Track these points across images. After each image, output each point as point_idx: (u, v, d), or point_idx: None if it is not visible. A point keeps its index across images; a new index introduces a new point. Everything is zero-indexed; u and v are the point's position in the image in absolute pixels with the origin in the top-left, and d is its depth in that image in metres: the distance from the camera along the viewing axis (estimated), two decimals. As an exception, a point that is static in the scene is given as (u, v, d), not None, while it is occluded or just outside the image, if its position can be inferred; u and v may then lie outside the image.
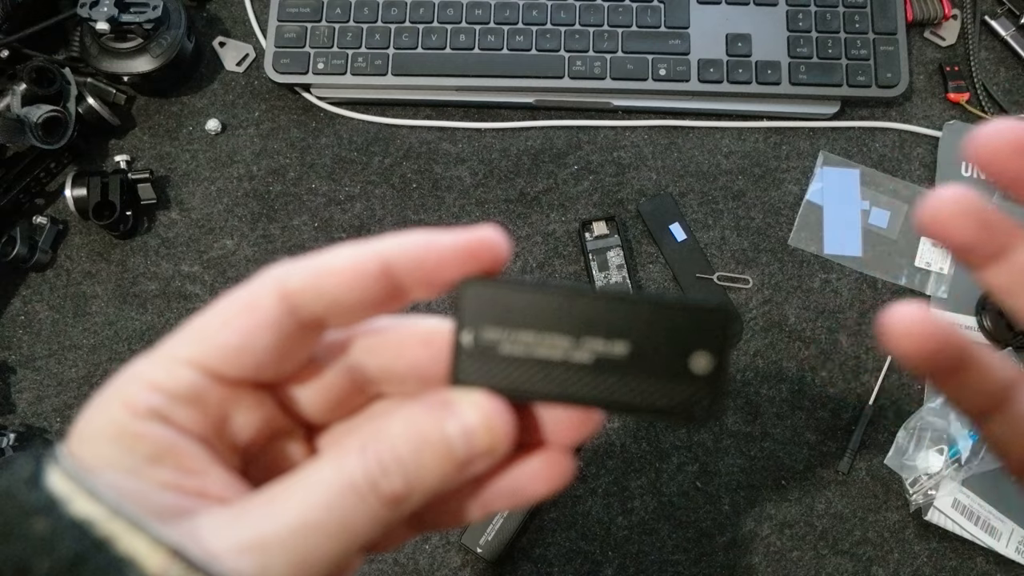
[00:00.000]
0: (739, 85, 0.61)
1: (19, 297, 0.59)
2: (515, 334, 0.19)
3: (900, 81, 0.61)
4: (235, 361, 0.19)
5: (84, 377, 0.57)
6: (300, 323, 0.19)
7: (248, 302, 0.19)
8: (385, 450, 0.18)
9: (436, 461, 0.18)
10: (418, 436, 0.18)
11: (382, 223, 0.60)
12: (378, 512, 0.18)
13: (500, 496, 0.21)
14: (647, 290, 0.58)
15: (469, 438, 0.19)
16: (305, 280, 0.19)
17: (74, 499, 0.16)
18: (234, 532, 0.17)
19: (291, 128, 0.63)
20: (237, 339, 0.19)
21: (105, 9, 0.57)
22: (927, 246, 0.59)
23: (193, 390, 0.19)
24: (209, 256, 0.60)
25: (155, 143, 0.62)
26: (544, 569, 0.53)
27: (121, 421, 0.18)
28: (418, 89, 0.62)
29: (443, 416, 0.19)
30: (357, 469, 0.18)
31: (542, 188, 0.61)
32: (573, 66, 0.61)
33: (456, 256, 0.19)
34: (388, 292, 0.19)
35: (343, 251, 0.19)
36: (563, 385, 0.19)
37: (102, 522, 0.16)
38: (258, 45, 0.65)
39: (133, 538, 0.16)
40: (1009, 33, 0.64)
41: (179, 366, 0.19)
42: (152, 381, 0.19)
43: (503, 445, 0.19)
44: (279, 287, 0.19)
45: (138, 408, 0.18)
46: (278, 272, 0.19)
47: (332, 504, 0.17)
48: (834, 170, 0.61)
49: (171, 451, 0.18)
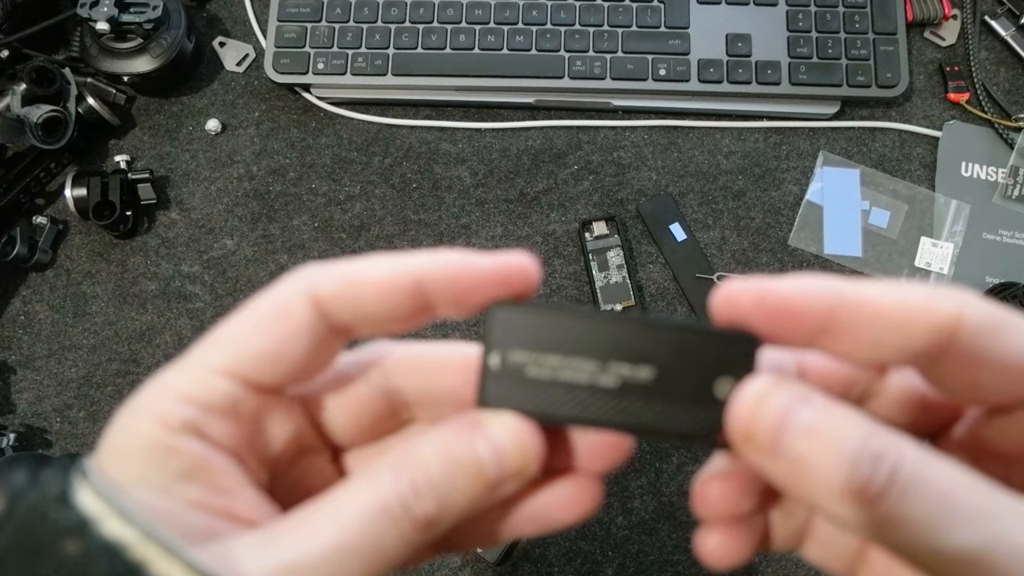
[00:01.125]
0: (739, 85, 0.61)
1: (19, 297, 0.59)
2: (542, 357, 0.19)
3: (900, 81, 0.61)
4: (270, 368, 0.19)
5: (84, 377, 0.57)
6: (330, 328, 0.19)
7: (281, 307, 0.19)
8: (418, 472, 0.18)
9: (468, 483, 0.18)
10: (450, 458, 0.18)
11: (382, 223, 0.60)
12: (411, 535, 0.18)
13: (527, 521, 0.21)
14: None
15: (500, 459, 0.18)
16: (336, 287, 0.19)
17: (106, 520, 0.16)
18: (267, 556, 0.17)
19: (291, 128, 0.63)
20: (272, 345, 0.19)
21: (105, 9, 0.57)
22: (927, 246, 0.59)
23: (228, 400, 0.18)
24: (209, 256, 0.60)
25: (155, 143, 0.62)
26: (544, 569, 0.53)
27: (153, 435, 0.18)
28: (418, 89, 0.62)
29: (474, 437, 0.19)
30: (391, 493, 0.18)
31: (542, 188, 0.61)
32: (573, 66, 0.61)
33: (489, 280, 0.19)
34: (418, 308, 0.19)
35: (378, 262, 0.19)
36: (588, 408, 0.19)
37: (135, 546, 0.16)
38: (258, 45, 0.65)
39: (167, 564, 0.16)
40: (1009, 33, 0.64)
41: (213, 376, 0.18)
42: (185, 393, 0.18)
43: (533, 466, 0.19)
44: (310, 291, 0.19)
45: (171, 422, 0.18)
46: (308, 276, 0.19)
47: (366, 529, 0.17)
48: (834, 170, 0.61)
49: (204, 468, 0.18)
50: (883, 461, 0.16)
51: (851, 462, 0.16)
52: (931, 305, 0.17)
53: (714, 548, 0.20)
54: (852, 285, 0.17)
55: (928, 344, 0.17)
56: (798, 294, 0.17)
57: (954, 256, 0.59)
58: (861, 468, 0.16)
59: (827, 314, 0.17)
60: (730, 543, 0.20)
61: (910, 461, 0.16)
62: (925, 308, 0.17)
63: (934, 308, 0.17)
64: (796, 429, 0.16)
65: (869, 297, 0.17)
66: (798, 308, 0.17)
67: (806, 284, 0.17)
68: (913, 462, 0.16)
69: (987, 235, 0.60)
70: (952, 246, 0.59)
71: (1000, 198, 0.61)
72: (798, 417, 0.17)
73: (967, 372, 0.18)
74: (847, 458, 0.16)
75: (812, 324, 0.18)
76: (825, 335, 0.18)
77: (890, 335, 0.17)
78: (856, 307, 0.17)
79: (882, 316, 0.17)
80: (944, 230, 0.60)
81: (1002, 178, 0.61)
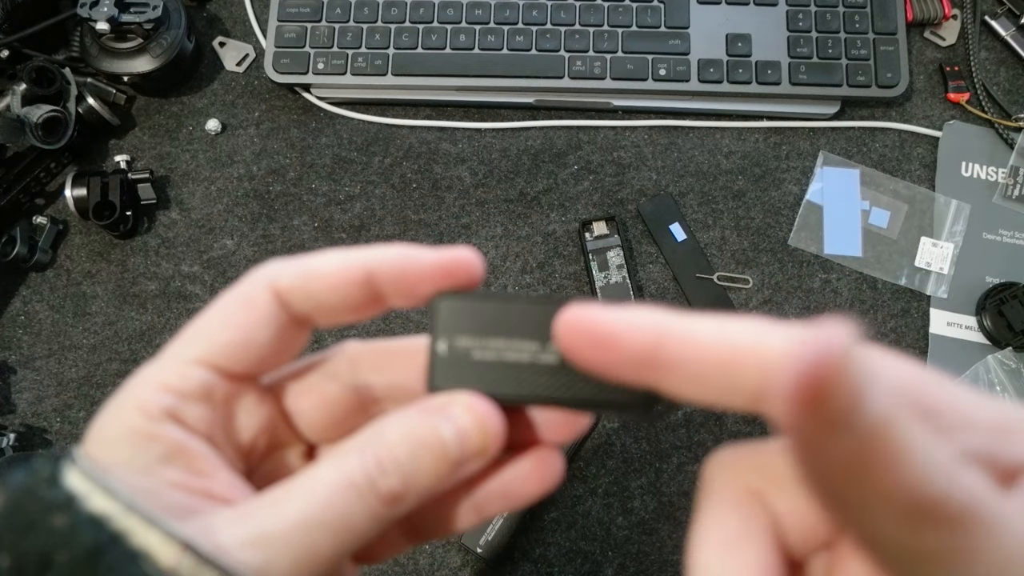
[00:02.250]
0: (739, 85, 0.61)
1: (19, 297, 0.59)
2: (486, 341, 0.20)
3: (900, 81, 0.61)
4: (239, 356, 0.20)
5: (84, 377, 0.57)
6: (292, 318, 0.21)
7: (245, 299, 0.21)
8: (383, 451, 0.19)
9: (431, 461, 0.19)
10: (414, 438, 0.19)
11: (382, 223, 0.60)
12: (377, 510, 0.19)
13: (493, 499, 0.22)
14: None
15: (462, 439, 0.19)
16: (294, 279, 0.20)
17: (91, 496, 0.17)
18: (241, 528, 0.18)
19: (291, 128, 0.63)
20: (239, 335, 0.20)
21: (105, 9, 0.57)
22: (927, 246, 0.59)
23: (202, 387, 0.20)
24: (209, 256, 0.60)
25: (155, 143, 0.62)
26: (544, 569, 0.53)
27: (134, 423, 0.19)
28: (418, 89, 0.62)
29: (438, 419, 0.20)
30: (356, 469, 0.19)
31: (542, 188, 0.61)
32: (573, 66, 0.61)
33: (433, 272, 0.20)
34: (369, 298, 0.21)
35: (330, 256, 0.21)
36: (531, 386, 0.20)
37: (117, 517, 0.17)
38: (258, 45, 0.65)
39: (147, 532, 0.17)
40: (1009, 33, 0.64)
41: (187, 366, 0.20)
42: (163, 383, 0.20)
43: (495, 445, 0.20)
44: (271, 284, 0.20)
45: (151, 410, 0.19)
46: (269, 270, 0.21)
47: (333, 501, 0.18)
48: (834, 170, 0.61)
49: (182, 452, 0.19)
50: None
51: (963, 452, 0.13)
52: (759, 341, 0.15)
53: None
54: (682, 321, 0.16)
55: (757, 385, 0.15)
56: (622, 326, 0.17)
57: (954, 256, 0.59)
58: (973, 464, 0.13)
59: (650, 348, 0.16)
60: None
61: None
62: (752, 344, 0.15)
63: (761, 344, 0.15)
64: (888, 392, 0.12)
65: (694, 334, 0.16)
66: (620, 340, 0.17)
67: (632, 317, 0.17)
68: None
69: (987, 235, 0.60)
70: (952, 246, 0.59)
71: (1000, 198, 0.61)
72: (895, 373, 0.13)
73: None
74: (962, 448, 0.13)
75: (634, 357, 0.17)
76: (651, 370, 0.17)
77: (716, 373, 0.16)
78: (681, 343, 0.16)
79: (706, 354, 0.16)
80: (944, 230, 0.60)
81: (1002, 178, 0.61)
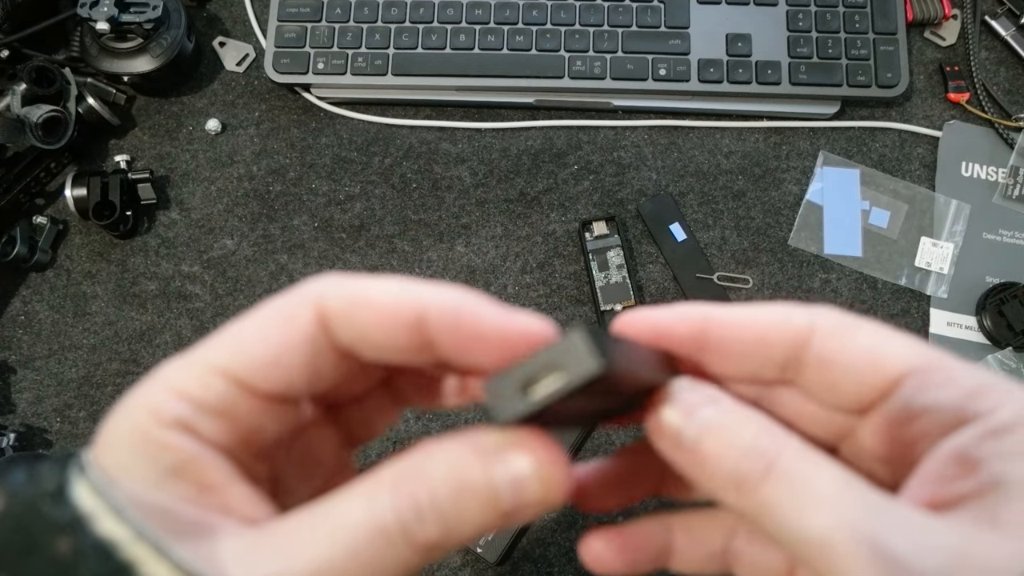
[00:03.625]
0: (739, 85, 0.61)
1: (19, 297, 0.59)
2: None
3: (900, 81, 0.61)
4: (267, 374, 0.18)
5: (84, 377, 0.57)
6: (332, 345, 0.18)
7: (286, 314, 0.18)
8: (423, 494, 0.17)
9: (478, 511, 0.17)
10: (461, 482, 0.17)
11: (382, 223, 0.60)
12: (408, 559, 0.17)
13: None
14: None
15: (518, 489, 0.17)
16: (342, 303, 0.18)
17: (99, 518, 0.16)
18: (254, 564, 0.16)
19: (291, 128, 0.63)
20: (271, 351, 0.18)
21: (105, 9, 0.57)
22: (927, 246, 0.59)
23: (223, 402, 0.18)
24: (209, 256, 0.60)
25: (155, 143, 0.62)
26: (544, 569, 0.53)
27: (145, 429, 0.17)
28: (418, 89, 0.62)
29: (490, 461, 0.17)
30: (388, 512, 0.16)
31: (542, 188, 0.61)
32: (573, 66, 0.61)
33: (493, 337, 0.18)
34: (420, 344, 0.18)
35: (387, 284, 0.18)
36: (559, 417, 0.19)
37: (126, 545, 0.16)
38: (258, 45, 0.65)
39: (156, 565, 0.16)
40: (1009, 33, 0.64)
41: (211, 375, 0.18)
42: (181, 389, 0.18)
43: (557, 497, 0.17)
44: (317, 303, 0.18)
45: (163, 417, 0.17)
46: (318, 287, 0.18)
47: (360, 548, 0.16)
48: (834, 170, 0.61)
49: (193, 464, 0.17)
50: (765, 456, 0.18)
51: (740, 455, 0.18)
52: (786, 319, 0.20)
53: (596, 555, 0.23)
54: (721, 309, 0.20)
55: (786, 354, 0.20)
56: (672, 318, 0.21)
57: (954, 256, 0.59)
58: (746, 461, 0.18)
59: (697, 334, 0.21)
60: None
61: (788, 457, 0.18)
62: (781, 322, 0.20)
63: (788, 321, 0.20)
64: (699, 424, 0.19)
65: (733, 317, 0.20)
66: (672, 329, 0.21)
67: (679, 310, 0.21)
68: (791, 458, 0.18)
69: (987, 235, 0.60)
70: (952, 246, 0.59)
71: (1000, 198, 0.61)
72: (702, 413, 0.19)
73: (825, 376, 0.20)
74: (737, 451, 0.18)
75: (686, 342, 0.21)
76: (703, 352, 0.21)
77: (753, 349, 0.20)
78: (722, 326, 0.20)
79: (744, 332, 0.20)
80: (944, 230, 0.60)
81: (1002, 178, 0.61)
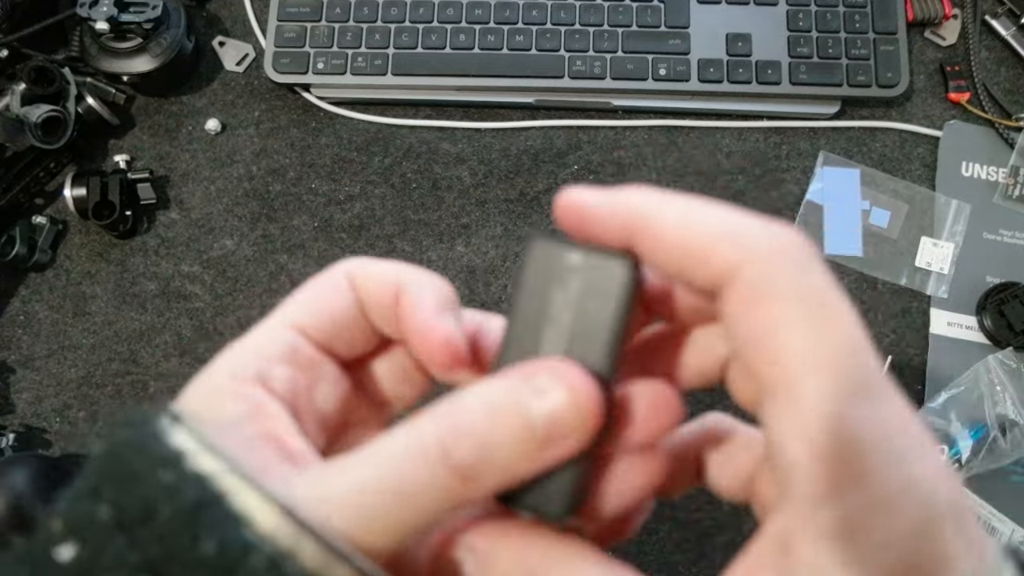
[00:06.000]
0: (739, 85, 0.61)
1: (19, 297, 0.59)
2: None
3: (900, 81, 0.61)
4: (324, 327, 0.22)
5: (84, 377, 0.57)
6: (364, 313, 0.22)
7: (331, 282, 0.22)
8: (462, 417, 0.18)
9: (512, 435, 0.17)
10: (495, 407, 0.18)
11: (382, 223, 0.60)
12: (447, 483, 0.17)
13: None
14: None
15: (551, 411, 0.17)
16: (360, 273, 0.22)
17: (197, 454, 0.17)
18: (299, 489, 0.17)
19: (291, 128, 0.63)
20: (326, 308, 0.22)
21: (105, 9, 0.57)
22: (928, 246, 0.59)
23: (289, 347, 0.21)
24: (209, 256, 0.60)
25: (155, 143, 0.62)
26: None
27: (221, 384, 0.20)
28: (418, 89, 0.62)
29: (525, 387, 0.18)
30: (429, 435, 0.17)
31: (542, 188, 0.61)
32: (573, 66, 0.61)
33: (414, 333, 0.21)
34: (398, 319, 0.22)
35: (392, 264, 0.22)
36: None
37: (220, 476, 0.17)
38: (258, 45, 0.65)
39: (248, 494, 0.17)
40: (1009, 33, 0.64)
41: (281, 327, 0.22)
42: (255, 346, 0.21)
43: (589, 420, 0.18)
44: (349, 275, 0.22)
45: (240, 373, 0.20)
46: (349, 264, 0.23)
47: (401, 467, 0.17)
48: (834, 170, 0.61)
49: (261, 411, 0.20)
50: None
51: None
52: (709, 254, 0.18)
53: None
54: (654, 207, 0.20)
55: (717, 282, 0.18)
56: (603, 209, 0.21)
57: (954, 256, 0.59)
58: None
59: (625, 233, 0.20)
60: None
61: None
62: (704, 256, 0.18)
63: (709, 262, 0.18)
64: None
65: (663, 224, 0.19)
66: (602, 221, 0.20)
67: (611, 200, 0.21)
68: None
69: (987, 235, 0.60)
70: (952, 246, 0.59)
71: (1000, 198, 0.60)
72: None
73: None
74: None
75: (614, 236, 0.20)
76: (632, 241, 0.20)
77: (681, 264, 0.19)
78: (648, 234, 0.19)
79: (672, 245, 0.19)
80: (944, 230, 0.60)
81: (1002, 178, 0.61)
